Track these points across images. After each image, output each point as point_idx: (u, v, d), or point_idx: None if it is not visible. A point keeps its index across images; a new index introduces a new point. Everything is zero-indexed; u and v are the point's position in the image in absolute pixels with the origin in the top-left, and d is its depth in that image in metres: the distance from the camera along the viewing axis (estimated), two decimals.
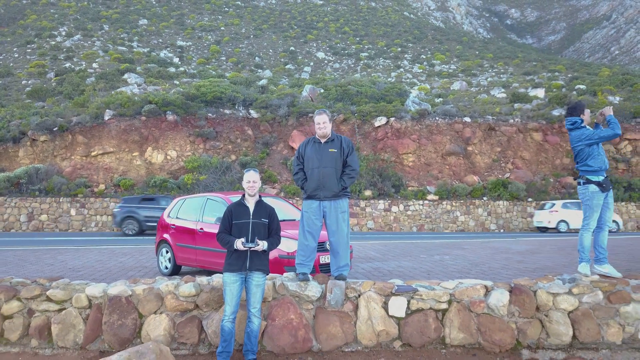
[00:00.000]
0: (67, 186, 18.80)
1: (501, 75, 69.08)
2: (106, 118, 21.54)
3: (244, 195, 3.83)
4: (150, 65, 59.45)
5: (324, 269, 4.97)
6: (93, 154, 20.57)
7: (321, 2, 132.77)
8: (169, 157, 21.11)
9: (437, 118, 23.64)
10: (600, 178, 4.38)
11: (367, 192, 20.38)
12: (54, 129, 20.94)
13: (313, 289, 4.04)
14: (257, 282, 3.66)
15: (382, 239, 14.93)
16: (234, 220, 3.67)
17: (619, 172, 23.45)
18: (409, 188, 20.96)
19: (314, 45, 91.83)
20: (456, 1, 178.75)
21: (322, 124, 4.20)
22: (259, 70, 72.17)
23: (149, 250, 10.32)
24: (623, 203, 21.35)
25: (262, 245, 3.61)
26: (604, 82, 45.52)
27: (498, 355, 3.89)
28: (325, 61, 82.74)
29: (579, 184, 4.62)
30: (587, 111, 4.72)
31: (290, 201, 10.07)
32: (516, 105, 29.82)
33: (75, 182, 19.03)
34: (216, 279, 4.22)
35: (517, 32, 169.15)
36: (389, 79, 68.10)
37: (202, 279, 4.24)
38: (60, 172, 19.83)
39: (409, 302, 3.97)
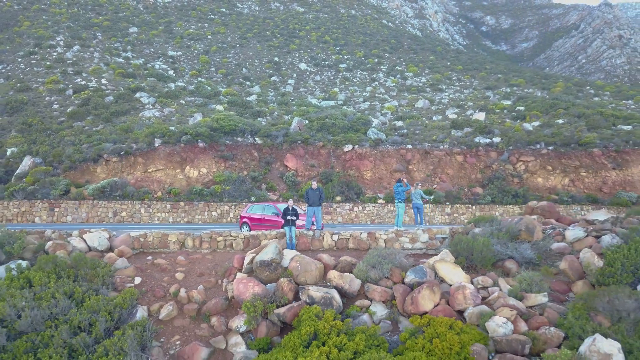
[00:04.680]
0: (136, 193, 27.98)
1: (464, 90, 78.35)
2: (156, 145, 30.75)
3: (288, 204, 13.46)
4: (150, 79, 67.66)
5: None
6: (149, 170, 29.77)
7: (303, 9, 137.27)
8: (201, 173, 30.45)
9: (388, 145, 33.60)
10: (400, 202, 14.30)
11: (338, 198, 30.11)
12: (121, 153, 30.04)
13: (310, 233, 13.74)
14: (294, 229, 13.29)
15: (345, 227, 24.67)
16: (285, 211, 13.30)
17: (514, 184, 33.73)
18: (366, 195, 30.79)
19: (297, 55, 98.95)
20: (433, 8, 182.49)
21: (314, 185, 13.93)
22: (247, 83, 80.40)
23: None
24: (510, 206, 31.59)
25: (295, 218, 13.25)
26: (537, 106, 55.66)
27: (362, 250, 13.65)
28: (307, 72, 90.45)
29: (396, 201, 14.60)
30: (403, 181, 14.66)
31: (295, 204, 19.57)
32: (452, 132, 39.96)
33: (141, 190, 28.23)
34: (281, 230, 13.89)
35: (491, 39, 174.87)
36: (364, 93, 77.32)
37: (278, 230, 13.91)
38: (128, 183, 28.96)
39: (338, 236, 13.69)
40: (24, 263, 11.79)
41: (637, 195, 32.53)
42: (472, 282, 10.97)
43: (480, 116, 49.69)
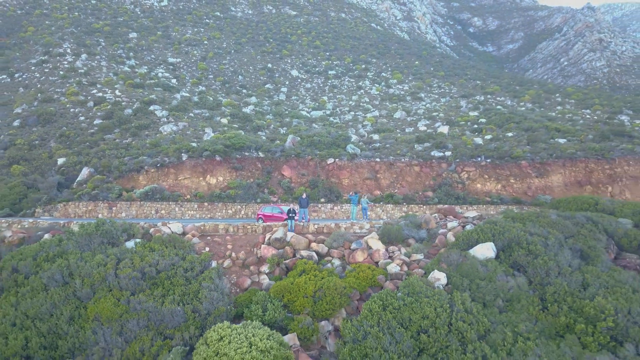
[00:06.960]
0: (171, 196, 37.49)
1: (441, 99, 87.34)
2: (183, 159, 40.25)
3: (290, 207, 23.24)
4: (157, 89, 76.47)
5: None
6: (179, 178, 39.27)
7: (294, 12, 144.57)
8: (218, 180, 40.01)
9: (361, 159, 43.45)
10: (354, 205, 24.18)
11: (322, 200, 39.87)
12: (158, 165, 39.50)
13: (301, 223, 23.57)
14: (293, 222, 23.03)
15: (327, 221, 34.37)
16: (288, 211, 23.05)
17: (458, 189, 43.71)
18: (344, 197, 40.58)
19: (289, 61, 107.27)
20: (421, 10, 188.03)
21: (304, 195, 23.81)
22: (244, 91, 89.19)
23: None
24: (452, 206, 41.48)
25: (294, 215, 23.02)
26: (496, 119, 65.11)
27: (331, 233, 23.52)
28: (299, 80, 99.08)
29: (350, 203, 24.51)
30: (357, 192, 24.62)
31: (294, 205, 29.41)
32: (415, 146, 49.88)
33: (174, 194, 37.74)
34: (284, 222, 23.67)
35: (478, 40, 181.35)
36: (350, 102, 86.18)
37: (283, 222, 23.73)
38: (164, 189, 38.43)
39: (318, 225, 23.50)
40: (141, 240, 21.38)
41: (551, 197, 42.76)
42: (387, 249, 20.80)
43: (445, 129, 59.19)
